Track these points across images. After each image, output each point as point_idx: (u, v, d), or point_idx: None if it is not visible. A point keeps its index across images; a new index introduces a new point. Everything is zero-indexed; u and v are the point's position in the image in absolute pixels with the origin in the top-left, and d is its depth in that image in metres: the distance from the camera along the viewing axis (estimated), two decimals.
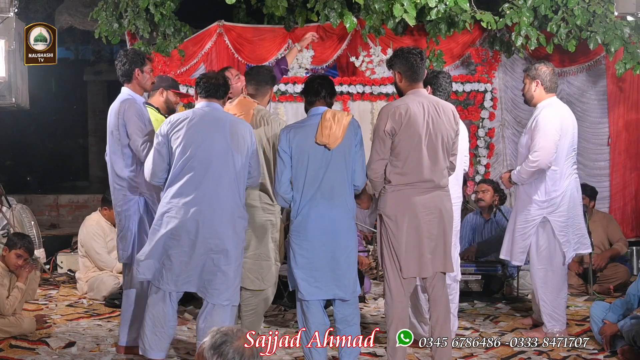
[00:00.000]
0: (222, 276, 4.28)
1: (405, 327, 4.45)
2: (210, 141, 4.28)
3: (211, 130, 4.30)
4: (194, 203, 4.22)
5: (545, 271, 5.18)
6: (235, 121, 4.42)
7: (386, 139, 4.31)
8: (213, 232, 4.24)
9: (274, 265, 4.80)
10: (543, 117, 5.07)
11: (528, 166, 5.07)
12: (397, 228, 4.32)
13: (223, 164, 4.28)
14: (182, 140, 4.26)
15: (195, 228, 4.22)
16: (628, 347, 4.67)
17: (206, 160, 4.26)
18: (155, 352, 4.37)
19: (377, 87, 7.72)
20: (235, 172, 4.31)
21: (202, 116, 4.33)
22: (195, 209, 4.22)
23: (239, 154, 4.32)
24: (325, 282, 4.30)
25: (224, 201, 4.27)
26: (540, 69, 5.16)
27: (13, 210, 7.05)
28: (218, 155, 4.27)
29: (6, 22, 6.04)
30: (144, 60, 4.88)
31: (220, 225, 4.26)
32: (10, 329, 5.22)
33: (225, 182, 4.28)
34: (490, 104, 7.76)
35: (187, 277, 4.29)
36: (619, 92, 7.96)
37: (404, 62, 4.38)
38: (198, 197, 4.23)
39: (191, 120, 4.30)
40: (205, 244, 4.24)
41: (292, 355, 4.85)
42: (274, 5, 7.42)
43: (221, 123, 4.34)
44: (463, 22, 7.10)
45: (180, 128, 4.28)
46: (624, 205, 7.99)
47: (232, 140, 4.30)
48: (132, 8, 7.54)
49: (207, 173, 4.25)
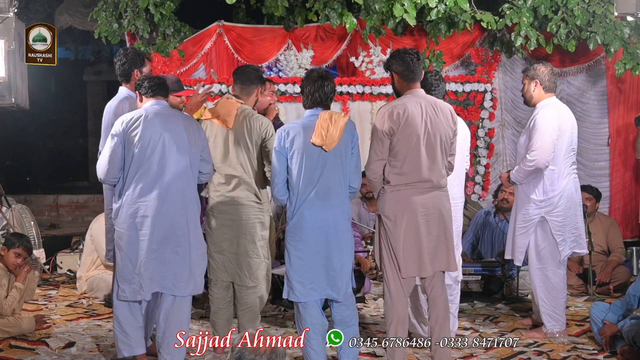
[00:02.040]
0: (187, 268, 4.37)
1: (405, 328, 4.46)
2: (169, 137, 4.35)
3: (167, 126, 4.38)
4: (157, 199, 4.31)
5: (544, 271, 5.17)
6: (186, 117, 4.58)
7: (384, 139, 4.31)
8: (175, 225, 4.35)
9: (263, 263, 4.82)
10: (541, 116, 5.07)
11: (526, 165, 5.07)
12: (396, 228, 4.32)
13: (181, 159, 4.38)
14: (140, 139, 4.32)
15: (163, 224, 4.32)
16: (628, 347, 4.67)
17: (165, 156, 4.34)
18: (136, 349, 4.49)
19: (377, 88, 7.72)
20: (192, 166, 4.43)
21: (156, 114, 4.40)
22: (158, 205, 4.31)
23: (194, 149, 4.44)
24: (319, 282, 4.30)
25: (182, 194, 4.38)
26: (539, 69, 5.16)
27: (13, 210, 7.05)
28: (176, 150, 4.37)
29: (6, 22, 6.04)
30: (144, 61, 4.90)
31: (180, 218, 4.37)
32: (9, 329, 5.22)
33: (183, 176, 4.39)
34: (490, 104, 7.76)
35: (159, 277, 4.36)
36: (619, 93, 7.96)
37: (401, 63, 4.39)
38: (161, 193, 4.32)
39: (146, 118, 4.36)
40: (169, 239, 4.34)
41: (291, 356, 4.85)
42: (274, 6, 7.42)
43: (174, 119, 4.44)
44: (463, 23, 7.09)
45: (137, 126, 4.34)
46: (624, 206, 7.98)
47: (187, 135, 4.41)
48: (131, 8, 7.54)
49: (166, 169, 4.34)
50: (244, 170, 4.72)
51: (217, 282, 4.84)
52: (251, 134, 4.70)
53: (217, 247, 4.79)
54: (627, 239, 7.51)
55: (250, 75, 4.88)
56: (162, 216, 4.33)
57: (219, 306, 4.87)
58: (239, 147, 4.71)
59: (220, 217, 4.76)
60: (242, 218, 4.73)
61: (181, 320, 4.44)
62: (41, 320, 5.53)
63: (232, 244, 4.76)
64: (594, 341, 5.07)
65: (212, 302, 4.89)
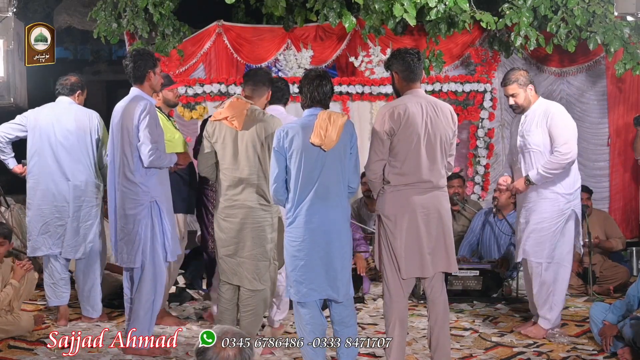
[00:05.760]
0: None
1: (404, 328, 4.45)
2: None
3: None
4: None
5: (562, 267, 5.17)
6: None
7: (385, 140, 4.30)
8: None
9: (271, 265, 4.78)
10: (556, 111, 5.13)
11: (560, 160, 5.01)
12: (396, 228, 4.32)
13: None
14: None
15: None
16: (628, 348, 4.67)
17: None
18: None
19: (377, 87, 7.71)
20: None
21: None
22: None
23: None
24: (319, 283, 4.28)
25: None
26: (526, 74, 5.24)
27: (12, 210, 7.04)
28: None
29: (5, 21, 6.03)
30: (156, 62, 4.86)
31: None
32: (8, 327, 5.21)
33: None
34: (489, 104, 7.75)
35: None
36: (619, 93, 7.95)
37: (401, 63, 4.38)
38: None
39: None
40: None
41: (291, 356, 4.85)
42: (273, 5, 7.41)
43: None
44: (463, 22, 7.09)
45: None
46: (624, 206, 7.97)
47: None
48: (130, 8, 7.53)
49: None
50: (254, 172, 4.67)
51: (226, 284, 4.82)
52: (261, 134, 4.66)
53: (227, 250, 4.76)
54: (627, 239, 7.50)
55: (262, 77, 4.89)
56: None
57: (226, 307, 4.84)
58: (248, 148, 4.65)
59: (229, 221, 4.73)
60: (250, 221, 4.69)
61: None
62: (40, 320, 5.52)
63: (241, 247, 4.71)
64: (593, 341, 5.07)
65: (220, 302, 4.87)
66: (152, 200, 4.77)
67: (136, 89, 4.81)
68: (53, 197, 5.55)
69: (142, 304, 4.82)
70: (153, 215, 4.77)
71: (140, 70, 4.77)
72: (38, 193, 5.58)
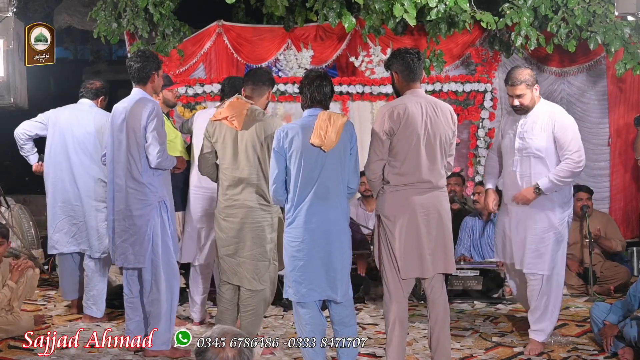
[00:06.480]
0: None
1: (404, 328, 4.45)
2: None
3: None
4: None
5: (556, 276, 4.95)
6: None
7: (385, 140, 4.30)
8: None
9: (271, 265, 4.78)
10: (563, 117, 4.88)
11: (573, 167, 4.78)
12: (396, 228, 4.31)
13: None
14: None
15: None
16: (629, 348, 4.66)
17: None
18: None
19: (377, 87, 7.70)
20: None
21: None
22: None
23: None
24: (318, 283, 4.28)
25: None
26: (533, 74, 4.93)
27: (12, 210, 7.03)
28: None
29: (5, 21, 6.01)
30: (160, 64, 4.88)
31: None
32: (8, 327, 5.21)
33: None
34: (490, 104, 7.75)
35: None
36: (619, 93, 7.94)
37: (401, 62, 4.38)
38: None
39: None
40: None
41: (291, 356, 4.84)
42: (274, 5, 7.40)
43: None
44: (463, 22, 7.08)
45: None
46: (624, 206, 7.97)
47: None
48: (131, 8, 7.53)
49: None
50: (254, 172, 4.67)
51: (226, 283, 4.82)
52: (261, 135, 4.66)
53: (227, 250, 4.76)
54: (627, 239, 7.50)
55: (263, 77, 4.89)
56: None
57: (226, 306, 4.84)
58: (248, 148, 4.65)
59: (229, 220, 4.73)
60: (250, 221, 4.69)
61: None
62: (40, 320, 5.52)
63: (241, 247, 4.71)
64: (594, 342, 5.07)
65: (220, 302, 4.87)
66: (160, 200, 4.79)
67: (139, 90, 4.81)
68: (67, 196, 5.68)
69: (162, 303, 4.81)
70: (162, 213, 4.80)
71: (145, 72, 4.77)
72: (53, 191, 5.73)
